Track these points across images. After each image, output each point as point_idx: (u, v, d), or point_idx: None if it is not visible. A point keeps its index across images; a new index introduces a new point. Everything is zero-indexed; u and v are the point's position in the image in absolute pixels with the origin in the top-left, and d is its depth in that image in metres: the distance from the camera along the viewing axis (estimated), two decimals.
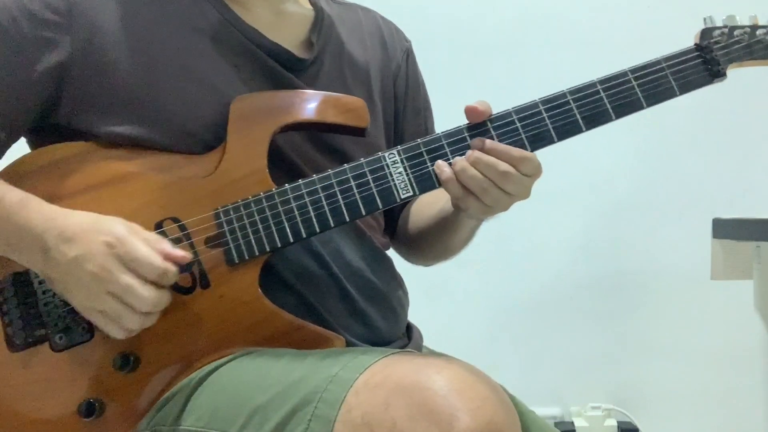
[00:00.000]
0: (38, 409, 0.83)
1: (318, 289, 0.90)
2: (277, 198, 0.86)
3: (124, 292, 0.77)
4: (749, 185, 2.00)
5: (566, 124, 0.88)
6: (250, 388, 0.77)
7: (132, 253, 0.77)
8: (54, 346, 0.84)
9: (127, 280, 0.77)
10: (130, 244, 0.77)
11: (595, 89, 0.89)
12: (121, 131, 0.87)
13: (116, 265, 0.77)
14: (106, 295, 0.77)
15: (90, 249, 0.77)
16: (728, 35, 0.93)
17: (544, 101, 0.89)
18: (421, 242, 1.09)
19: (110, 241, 0.77)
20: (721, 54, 0.92)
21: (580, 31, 2.02)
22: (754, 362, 2.01)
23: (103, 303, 0.78)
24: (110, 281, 0.77)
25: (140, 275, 0.77)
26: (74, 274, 0.78)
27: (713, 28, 0.94)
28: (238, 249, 0.85)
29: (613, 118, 0.89)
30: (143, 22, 0.90)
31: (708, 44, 0.92)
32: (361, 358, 0.73)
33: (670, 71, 0.91)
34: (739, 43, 0.93)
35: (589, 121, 0.89)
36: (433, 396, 0.65)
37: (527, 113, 0.88)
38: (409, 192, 0.87)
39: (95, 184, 0.86)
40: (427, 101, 1.16)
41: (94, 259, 0.77)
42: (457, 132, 0.88)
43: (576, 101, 0.89)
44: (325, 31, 1.02)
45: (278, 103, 0.90)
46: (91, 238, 0.78)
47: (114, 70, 0.87)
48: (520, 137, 0.87)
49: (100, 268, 0.77)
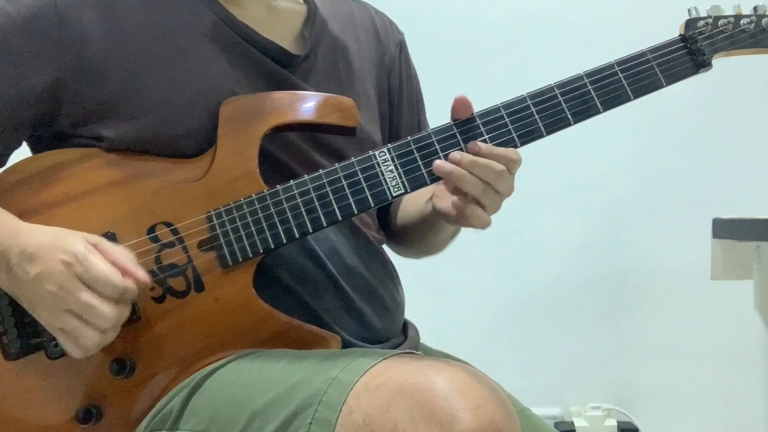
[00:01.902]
0: (36, 416, 0.83)
1: (314, 288, 0.90)
2: (269, 199, 0.86)
3: (84, 310, 0.76)
4: (749, 185, 2.00)
5: (554, 118, 0.89)
6: (249, 390, 0.77)
7: (90, 271, 0.76)
8: (50, 354, 0.84)
9: (86, 298, 0.76)
10: (88, 262, 0.76)
11: (582, 82, 0.90)
12: (120, 135, 0.87)
13: (75, 283, 0.76)
14: (65, 314, 0.77)
15: (49, 267, 0.77)
16: (712, 25, 0.93)
17: (532, 96, 0.89)
18: (406, 238, 1.11)
19: (67, 260, 0.76)
20: (706, 44, 0.92)
21: (579, 31, 2.02)
22: (754, 362, 2.01)
23: (63, 321, 0.77)
24: (69, 300, 0.76)
25: (100, 293, 0.77)
26: (36, 293, 0.78)
27: (697, 18, 0.94)
28: (232, 252, 0.85)
29: (600, 110, 0.90)
30: (135, 27, 0.90)
31: (692, 35, 0.93)
32: (361, 360, 0.73)
33: (655, 62, 0.91)
34: (723, 32, 0.93)
35: (577, 115, 0.89)
36: (433, 397, 0.65)
37: (515, 108, 0.88)
38: (401, 190, 0.87)
39: (86, 190, 0.86)
40: (419, 93, 1.16)
41: (52, 278, 0.76)
42: (446, 128, 0.88)
43: (563, 95, 0.89)
44: (318, 25, 1.02)
45: (267, 104, 0.90)
46: (51, 255, 0.77)
47: (107, 77, 0.87)
48: (509, 132, 0.88)
49: (58, 287, 0.76)
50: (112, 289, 0.77)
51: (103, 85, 0.87)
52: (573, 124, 0.89)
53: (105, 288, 0.77)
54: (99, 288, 0.77)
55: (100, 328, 0.77)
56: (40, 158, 0.88)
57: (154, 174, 0.87)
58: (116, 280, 0.77)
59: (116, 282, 0.77)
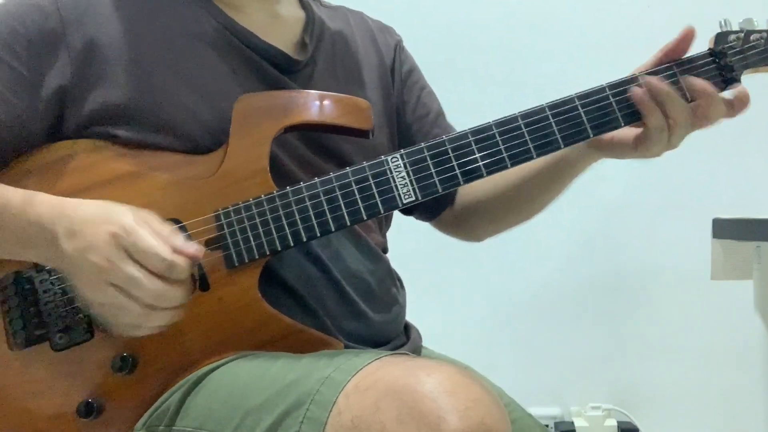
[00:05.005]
0: (38, 408, 0.83)
1: (317, 292, 0.90)
2: (278, 200, 0.85)
3: (128, 282, 0.74)
4: (749, 185, 2.00)
5: (573, 130, 0.87)
6: (244, 389, 0.77)
7: (138, 243, 0.74)
8: (54, 346, 0.84)
9: (131, 271, 0.74)
10: (136, 234, 0.74)
11: (604, 94, 0.87)
12: (119, 134, 0.87)
13: (121, 255, 0.74)
14: (108, 287, 0.75)
15: (95, 239, 0.75)
16: (744, 40, 0.88)
17: (552, 106, 0.87)
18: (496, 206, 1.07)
19: (115, 231, 0.75)
20: (737, 60, 0.88)
21: (579, 31, 2.02)
22: (754, 362, 2.01)
23: (105, 295, 0.75)
24: (113, 272, 0.74)
25: (146, 267, 0.75)
26: (79, 265, 0.77)
27: (729, 32, 0.89)
28: (238, 252, 0.84)
29: (621, 124, 0.88)
30: (138, 33, 0.89)
31: (722, 49, 0.88)
32: (354, 360, 0.73)
33: (682, 78, 0.87)
34: (755, 48, 0.88)
35: (597, 128, 0.87)
36: (422, 398, 0.64)
37: (534, 118, 0.87)
38: (411, 197, 0.85)
39: (95, 183, 0.86)
40: (425, 83, 1.15)
41: (98, 249, 0.75)
42: (462, 136, 0.87)
43: (584, 107, 0.87)
44: (317, 32, 1.02)
45: (281, 103, 0.89)
46: (98, 228, 0.76)
47: (112, 84, 0.87)
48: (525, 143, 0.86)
49: (103, 259, 0.74)
50: (158, 262, 0.74)
51: (107, 91, 0.87)
52: (591, 137, 0.88)
53: (151, 261, 0.74)
54: (145, 261, 0.74)
55: (143, 303, 0.75)
56: (53, 148, 0.88)
57: (164, 169, 0.86)
58: (164, 252, 0.75)
59: (164, 255, 0.74)
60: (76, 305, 0.84)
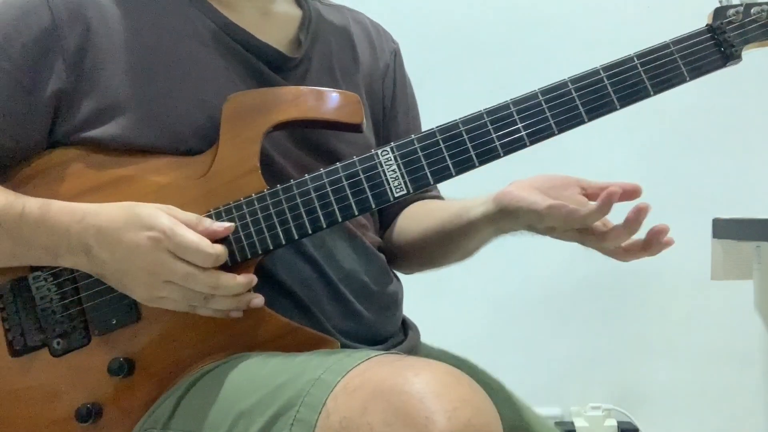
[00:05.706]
0: (38, 414, 0.84)
1: (312, 292, 0.90)
2: (268, 199, 0.84)
3: (184, 280, 0.78)
4: (749, 185, 1.99)
5: (567, 115, 0.84)
6: (237, 391, 0.77)
7: (182, 245, 0.77)
8: (53, 351, 0.84)
9: (184, 269, 0.78)
10: (178, 236, 0.77)
11: (598, 77, 0.85)
12: (111, 134, 0.86)
13: (168, 257, 0.77)
14: (166, 284, 0.79)
15: (137, 247, 0.78)
16: (744, 14, 0.85)
17: (544, 91, 0.85)
18: (422, 247, 1.07)
19: (156, 236, 0.77)
20: (736, 35, 0.84)
21: (579, 31, 2.02)
22: (754, 362, 2.01)
23: (163, 291, 0.79)
24: (166, 273, 0.78)
25: (195, 264, 0.78)
26: (125, 272, 0.79)
27: (727, 6, 0.85)
28: (231, 252, 0.83)
29: (617, 107, 0.84)
30: (131, 33, 0.89)
31: (721, 24, 0.85)
32: (345, 360, 0.72)
33: (679, 55, 0.84)
34: (756, 21, 0.85)
35: (592, 111, 0.84)
36: (409, 399, 0.64)
37: (526, 105, 0.85)
38: (403, 191, 0.84)
39: (90, 188, 0.86)
40: (414, 101, 1.15)
41: (142, 256, 0.78)
42: (452, 126, 0.85)
43: (578, 90, 0.84)
44: (313, 29, 1.01)
45: (270, 100, 0.88)
46: (137, 235, 0.78)
47: (106, 85, 0.87)
48: (518, 130, 0.84)
49: (152, 264, 0.78)
50: (205, 259, 0.78)
51: (101, 92, 0.86)
52: (587, 122, 0.84)
53: (200, 258, 0.78)
54: (194, 259, 0.78)
55: (202, 295, 0.79)
56: (45, 155, 0.88)
57: (156, 172, 0.86)
58: (208, 248, 0.78)
59: (209, 251, 0.78)
60: (71, 310, 0.84)
